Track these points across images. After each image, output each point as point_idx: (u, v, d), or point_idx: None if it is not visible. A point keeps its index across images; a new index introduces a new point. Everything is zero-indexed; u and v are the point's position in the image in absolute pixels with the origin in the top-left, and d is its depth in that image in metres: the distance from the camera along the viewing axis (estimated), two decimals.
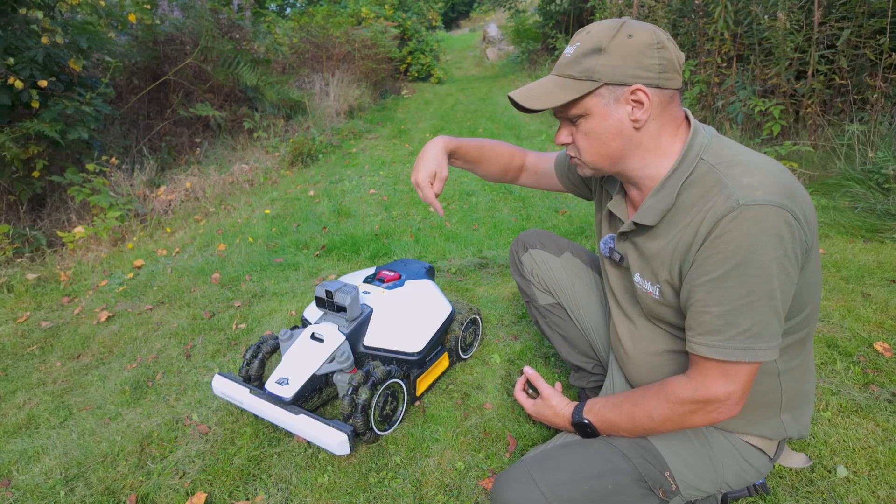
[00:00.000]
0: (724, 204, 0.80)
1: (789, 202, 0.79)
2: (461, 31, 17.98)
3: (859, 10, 3.15)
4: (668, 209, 0.89)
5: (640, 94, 0.87)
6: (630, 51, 0.86)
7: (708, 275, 0.82)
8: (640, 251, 0.98)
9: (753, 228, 0.78)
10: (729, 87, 3.98)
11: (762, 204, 0.78)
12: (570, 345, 1.42)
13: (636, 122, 0.89)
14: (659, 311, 0.97)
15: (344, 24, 7.74)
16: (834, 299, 1.99)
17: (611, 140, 0.91)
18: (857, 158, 3.01)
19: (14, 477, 1.42)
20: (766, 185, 0.80)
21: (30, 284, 2.66)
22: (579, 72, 0.88)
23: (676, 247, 0.88)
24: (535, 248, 1.41)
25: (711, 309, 0.83)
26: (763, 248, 0.78)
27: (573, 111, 0.91)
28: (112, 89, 3.89)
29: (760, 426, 0.99)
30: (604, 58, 0.86)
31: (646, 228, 0.95)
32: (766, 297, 0.79)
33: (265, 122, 5.34)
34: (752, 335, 0.81)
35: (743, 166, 0.84)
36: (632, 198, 1.03)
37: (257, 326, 2.13)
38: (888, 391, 1.48)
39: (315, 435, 1.28)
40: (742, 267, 0.79)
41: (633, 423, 0.96)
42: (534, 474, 0.94)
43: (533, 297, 1.44)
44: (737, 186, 0.80)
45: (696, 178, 0.87)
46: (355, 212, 3.48)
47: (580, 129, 0.93)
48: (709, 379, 0.86)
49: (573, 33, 1.17)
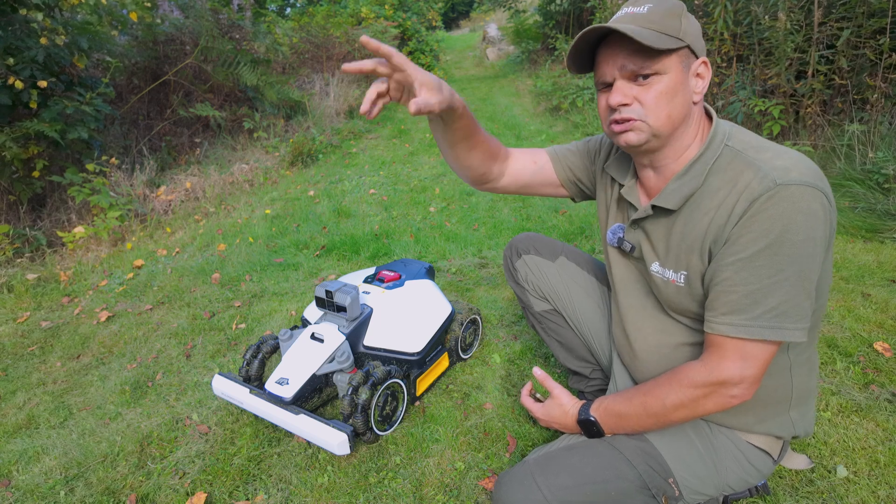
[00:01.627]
0: (760, 184, 0.81)
1: (822, 184, 0.81)
2: (461, 31, 17.99)
3: (859, 10, 3.15)
4: (694, 192, 0.89)
5: (703, 68, 0.89)
6: (697, 27, 0.88)
7: (738, 254, 0.82)
8: (659, 238, 0.96)
9: (789, 208, 0.78)
10: (729, 87, 3.98)
11: (798, 184, 0.79)
12: (568, 350, 1.41)
13: (697, 95, 0.90)
14: (680, 300, 0.95)
15: (344, 24, 7.74)
16: (834, 299, 1.99)
17: (680, 104, 0.88)
18: (857, 158, 3.01)
19: (14, 477, 1.42)
20: (800, 168, 0.81)
21: (30, 284, 2.66)
22: (668, 28, 0.85)
23: (708, 228, 0.87)
24: (529, 254, 1.39)
25: (738, 288, 0.83)
26: (797, 227, 0.78)
27: (656, 66, 0.85)
28: (112, 89, 3.89)
29: (770, 424, 0.98)
30: (685, 22, 0.86)
31: (664, 213, 0.94)
32: (795, 275, 0.80)
33: (265, 122, 5.34)
34: (779, 313, 0.81)
35: (772, 151, 0.85)
36: (646, 184, 1.01)
37: (257, 326, 2.13)
38: (888, 391, 1.48)
39: (315, 435, 1.28)
40: (775, 246, 0.79)
41: (644, 412, 0.95)
42: (536, 477, 0.93)
43: (528, 304, 1.42)
44: (771, 168, 0.82)
45: (723, 163, 0.88)
46: (355, 212, 3.48)
47: (652, 88, 0.86)
48: (725, 360, 0.85)
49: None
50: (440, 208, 3.44)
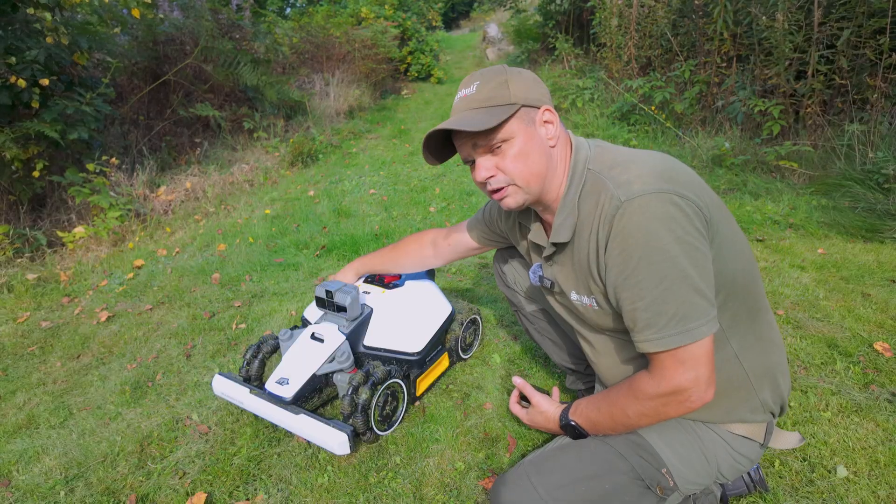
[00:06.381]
0: (609, 204, 0.85)
1: (668, 185, 0.82)
2: (461, 31, 17.97)
3: (859, 10, 3.15)
4: (575, 223, 0.94)
5: (548, 115, 0.95)
6: (528, 80, 0.94)
7: (621, 274, 0.85)
8: (567, 269, 1.01)
9: (641, 219, 0.81)
10: (729, 87, 3.98)
11: (640, 195, 0.82)
12: (559, 348, 1.45)
13: (551, 140, 0.96)
14: (603, 321, 0.99)
15: (344, 24, 7.74)
16: (834, 299, 1.99)
17: (538, 158, 0.95)
18: (857, 158, 3.01)
19: (14, 477, 1.42)
20: (642, 177, 0.84)
21: (30, 284, 2.66)
22: (496, 100, 0.93)
23: (588, 255, 0.92)
24: (515, 259, 1.43)
25: (637, 304, 0.85)
26: (658, 233, 0.81)
27: (499, 136, 0.93)
28: (112, 89, 3.89)
29: (741, 411, 0.98)
30: (512, 86, 0.93)
31: (564, 246, 1.00)
32: (679, 278, 0.81)
33: (265, 122, 5.34)
34: (681, 318, 0.82)
35: (621, 166, 0.89)
36: (547, 223, 1.07)
37: (257, 326, 2.13)
38: (888, 391, 1.48)
39: (315, 435, 1.28)
40: (646, 257, 0.82)
41: (612, 421, 0.97)
42: (531, 477, 0.94)
43: (520, 306, 1.46)
44: (615, 185, 0.85)
45: (589, 188, 0.92)
46: (355, 212, 3.48)
47: (507, 154, 0.94)
48: (668, 371, 0.86)
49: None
50: (440, 208, 3.44)
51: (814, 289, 2.07)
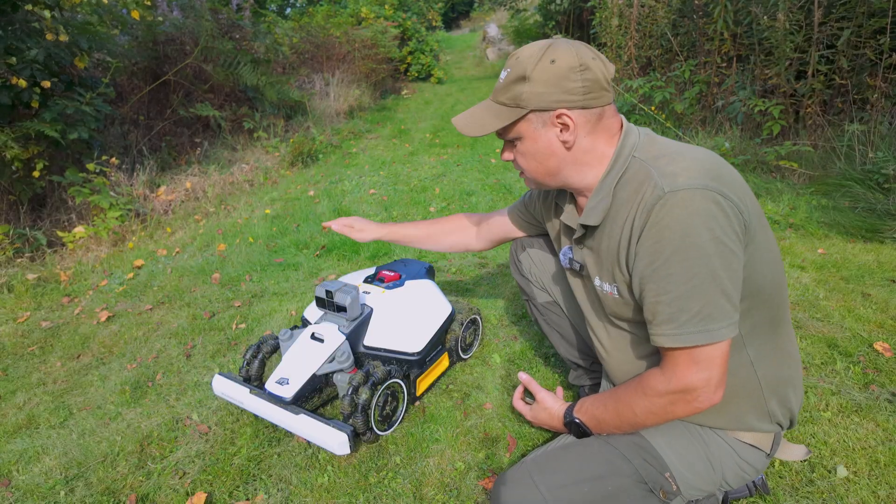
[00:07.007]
0: (652, 194, 0.84)
1: (714, 183, 0.81)
2: (461, 31, 17.96)
3: (859, 10, 3.15)
4: (608, 207, 0.93)
5: (564, 118, 0.92)
6: (552, 76, 0.90)
7: (651, 265, 0.84)
8: (596, 254, 1.00)
9: (682, 213, 0.80)
10: (729, 87, 3.98)
11: (685, 188, 0.81)
12: (568, 342, 1.44)
13: (566, 143, 0.94)
14: (622, 311, 0.98)
15: (344, 24, 7.74)
16: (834, 299, 1.99)
17: (546, 159, 0.97)
18: (857, 158, 3.01)
19: (14, 477, 1.42)
20: (689, 171, 0.83)
21: (30, 284, 2.66)
22: (509, 99, 0.94)
23: (619, 242, 0.91)
24: (533, 248, 1.42)
25: (662, 297, 0.84)
26: (696, 230, 0.80)
27: (509, 135, 0.98)
28: (112, 89, 3.89)
29: (749, 419, 0.98)
30: (528, 85, 0.91)
31: (594, 230, 0.99)
32: (709, 277, 0.80)
33: (265, 122, 5.34)
34: (703, 317, 0.82)
35: (668, 156, 0.88)
36: (580, 206, 1.06)
37: (257, 326, 2.13)
38: (888, 391, 1.48)
39: (315, 435, 1.28)
40: (680, 252, 0.81)
41: (619, 419, 0.97)
42: (534, 476, 0.94)
43: (532, 296, 1.45)
44: (660, 175, 0.84)
45: (630, 176, 0.91)
46: (355, 212, 3.48)
47: (518, 150, 1.00)
48: (680, 368, 0.86)
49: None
50: (440, 208, 3.44)
51: (814, 289, 2.07)
